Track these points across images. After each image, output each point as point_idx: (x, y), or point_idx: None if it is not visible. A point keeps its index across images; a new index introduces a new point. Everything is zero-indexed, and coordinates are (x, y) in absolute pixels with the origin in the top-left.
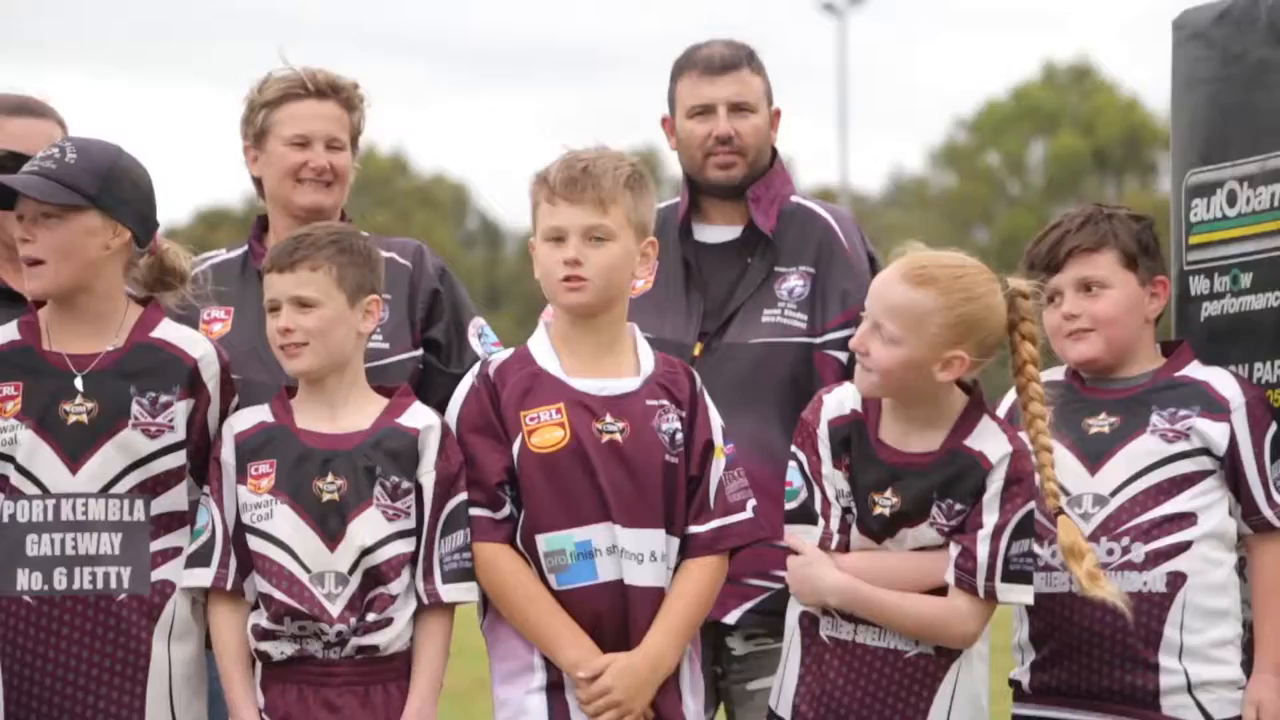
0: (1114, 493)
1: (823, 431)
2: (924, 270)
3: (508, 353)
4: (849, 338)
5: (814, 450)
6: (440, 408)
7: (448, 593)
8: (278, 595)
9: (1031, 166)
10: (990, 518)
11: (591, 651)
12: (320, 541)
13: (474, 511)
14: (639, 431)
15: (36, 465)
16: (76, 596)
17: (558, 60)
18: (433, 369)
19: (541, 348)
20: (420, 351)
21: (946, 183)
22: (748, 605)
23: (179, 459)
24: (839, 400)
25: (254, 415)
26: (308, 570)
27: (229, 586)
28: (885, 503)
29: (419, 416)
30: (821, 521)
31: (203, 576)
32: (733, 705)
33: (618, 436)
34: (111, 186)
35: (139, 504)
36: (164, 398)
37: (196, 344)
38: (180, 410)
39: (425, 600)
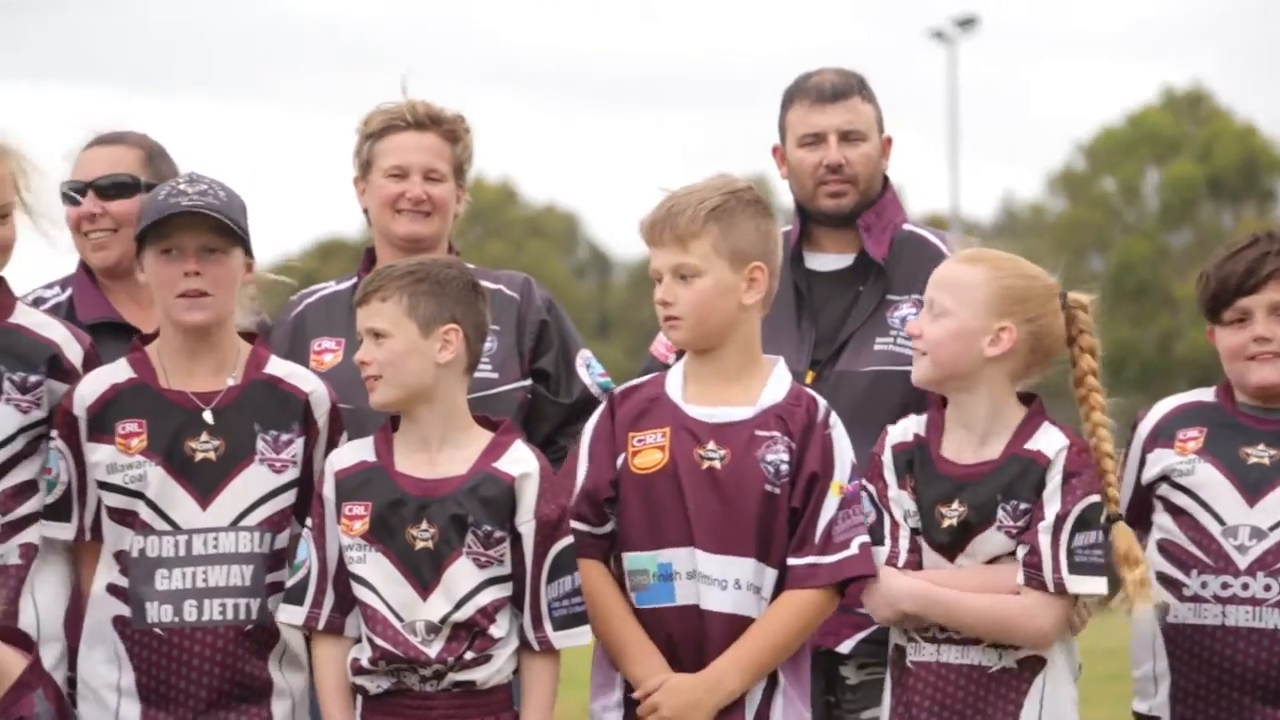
0: (1273, 527)
1: (887, 458)
2: (977, 252)
3: (647, 377)
4: None
5: (880, 477)
6: (550, 437)
7: (559, 640)
8: (378, 641)
9: (1147, 193)
10: (1051, 509)
11: (658, 668)
12: (413, 590)
13: (575, 524)
14: (739, 460)
15: (167, 502)
16: (205, 628)
17: (669, 88)
18: (542, 399)
19: (674, 372)
20: (529, 381)
21: (1060, 209)
22: (861, 635)
23: (295, 495)
24: (903, 428)
25: (356, 452)
26: (401, 619)
27: (320, 626)
28: (952, 514)
29: (517, 462)
30: (889, 541)
31: (295, 615)
32: None
33: (716, 463)
34: (246, 221)
35: (268, 537)
36: (285, 435)
37: (306, 380)
38: (299, 447)
39: (537, 648)
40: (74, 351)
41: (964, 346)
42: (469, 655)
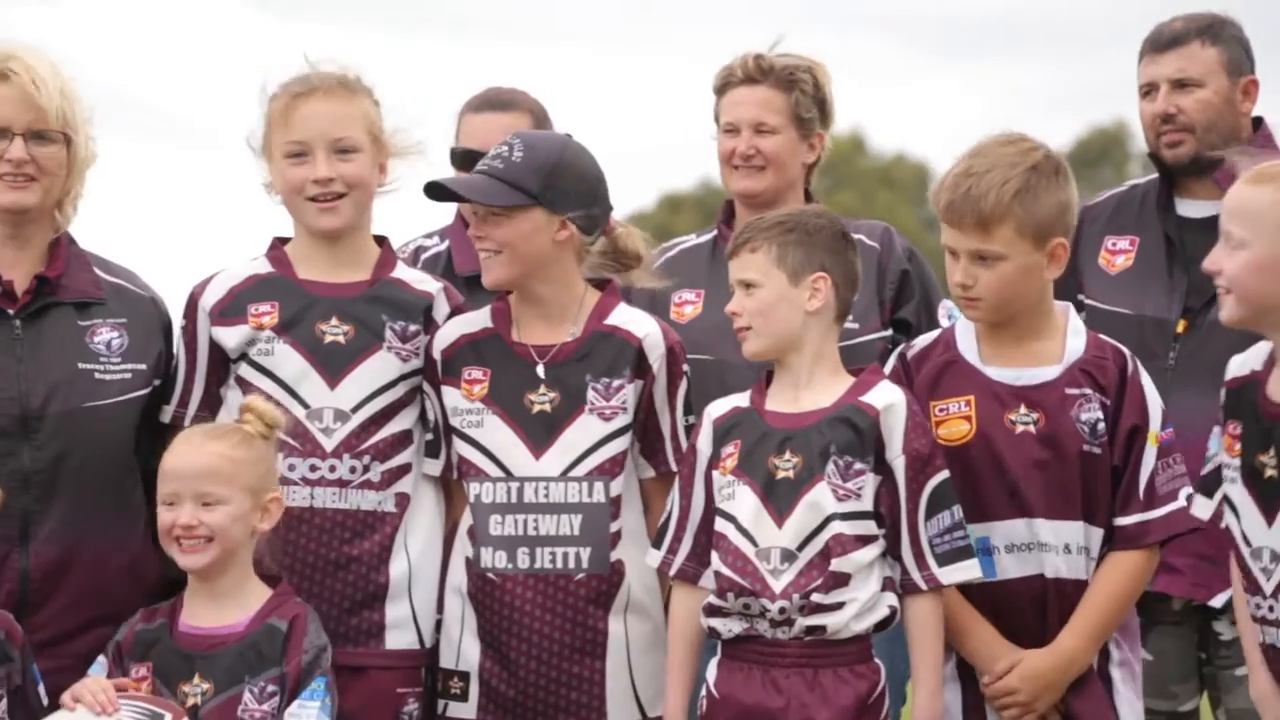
0: None
1: (1221, 397)
2: (1264, 170)
3: (933, 335)
4: None
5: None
6: None
7: (947, 575)
8: (724, 571)
9: None
10: None
11: (994, 641)
12: (769, 517)
13: None
14: (1054, 422)
15: (502, 450)
16: (537, 575)
17: (1025, 34)
18: None
19: (965, 331)
20: (890, 331)
21: None
22: None
23: (629, 440)
24: (1239, 362)
25: (731, 401)
26: (755, 545)
27: (672, 572)
28: (1271, 463)
29: (882, 395)
30: (1219, 493)
31: (653, 558)
32: (1219, 691)
33: (1031, 428)
34: (555, 182)
35: (599, 486)
36: (616, 381)
37: (642, 325)
38: (630, 392)
39: (924, 587)
40: (442, 309)
41: (1267, 279)
42: (817, 596)
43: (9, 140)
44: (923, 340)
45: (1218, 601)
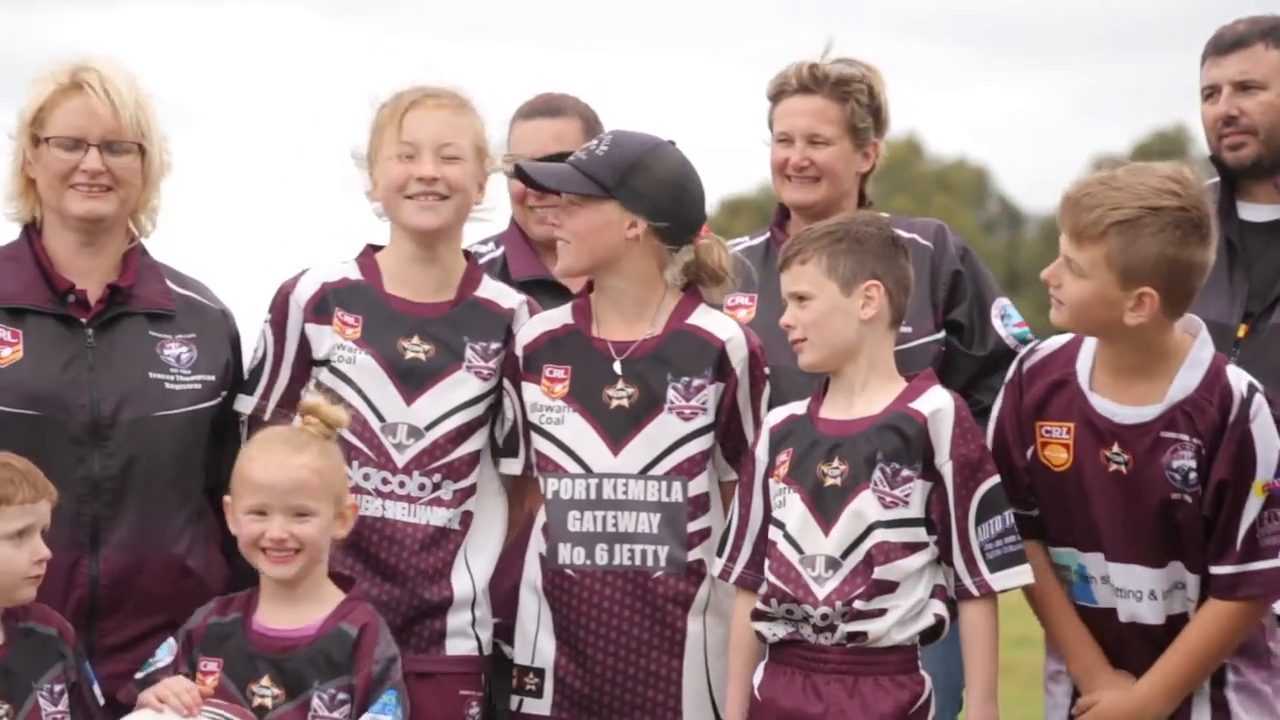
0: None
1: None
2: None
3: (1057, 343)
4: None
5: None
6: (964, 391)
7: (998, 581)
8: (770, 578)
9: None
10: None
11: (1095, 666)
12: (816, 525)
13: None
14: (1142, 466)
15: (581, 446)
16: (616, 571)
17: (1087, 36)
18: (955, 352)
19: (1086, 351)
20: (942, 334)
21: None
22: None
23: (709, 441)
24: None
25: (788, 409)
26: (800, 552)
27: (731, 579)
28: None
29: (931, 401)
30: None
31: (715, 566)
32: None
33: (1122, 468)
34: (630, 180)
35: (677, 485)
36: (696, 381)
37: (725, 328)
38: (711, 393)
39: (976, 593)
40: (522, 322)
41: None
42: (859, 603)
43: (84, 151)
44: (1047, 347)
45: (1277, 608)
